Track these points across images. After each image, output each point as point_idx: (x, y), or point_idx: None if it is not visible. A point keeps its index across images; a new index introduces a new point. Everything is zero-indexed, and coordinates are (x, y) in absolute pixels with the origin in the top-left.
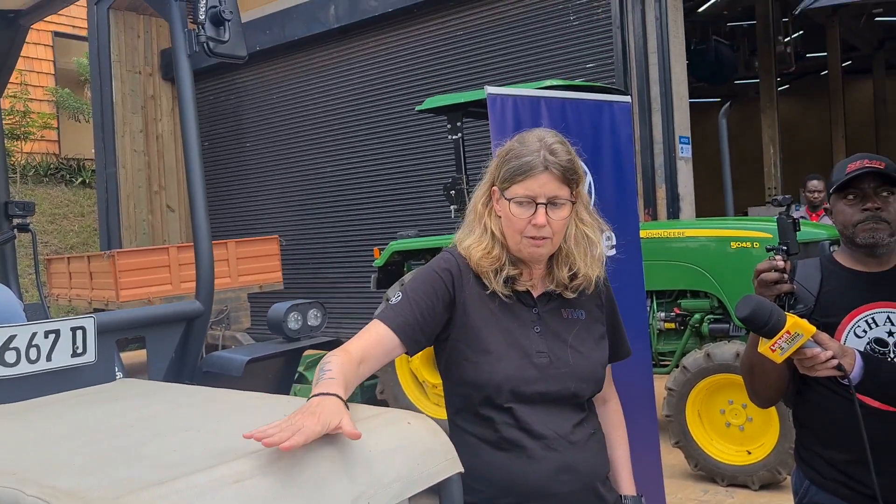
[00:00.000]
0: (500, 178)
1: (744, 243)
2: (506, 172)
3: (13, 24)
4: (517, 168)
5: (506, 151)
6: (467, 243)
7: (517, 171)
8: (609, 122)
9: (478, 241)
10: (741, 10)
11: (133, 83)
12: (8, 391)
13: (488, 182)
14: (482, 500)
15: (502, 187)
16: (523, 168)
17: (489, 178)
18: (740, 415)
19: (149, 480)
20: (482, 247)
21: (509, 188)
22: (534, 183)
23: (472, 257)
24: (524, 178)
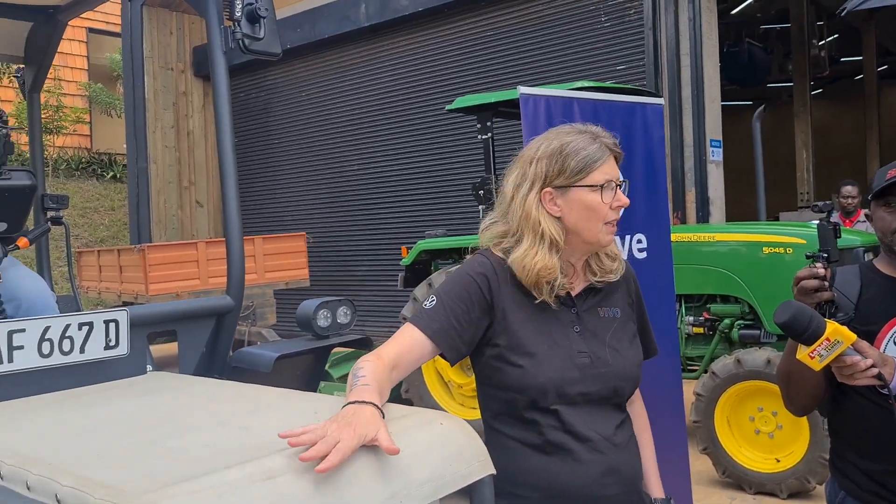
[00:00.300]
0: (567, 174)
1: (776, 248)
2: (577, 164)
3: (52, 20)
4: (589, 156)
5: (557, 149)
6: (519, 255)
7: (591, 160)
8: (641, 124)
9: (531, 253)
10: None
11: (165, 79)
12: (42, 382)
13: (537, 185)
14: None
15: (570, 182)
16: (595, 155)
17: (537, 182)
18: (770, 422)
19: (181, 475)
20: (538, 258)
21: (584, 178)
22: (607, 166)
23: (528, 271)
24: (601, 163)
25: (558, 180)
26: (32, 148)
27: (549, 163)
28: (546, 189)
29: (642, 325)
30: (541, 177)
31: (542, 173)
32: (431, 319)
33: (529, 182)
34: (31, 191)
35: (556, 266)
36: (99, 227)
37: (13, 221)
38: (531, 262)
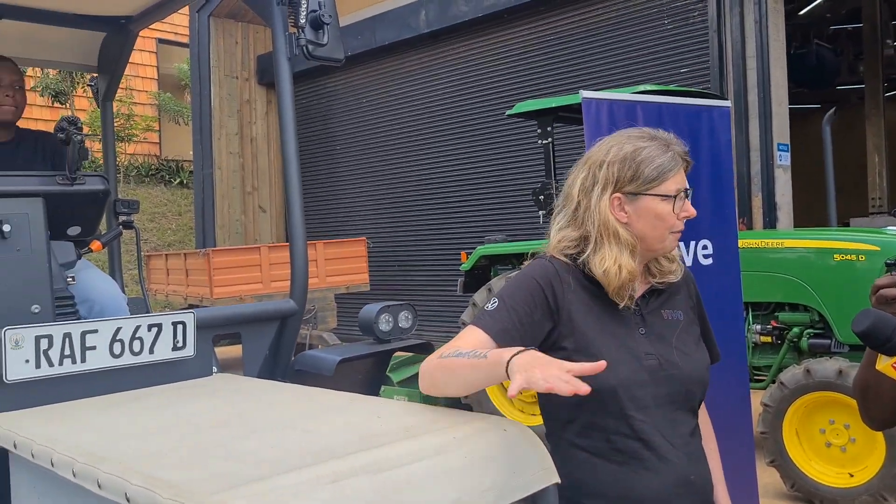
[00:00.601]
0: (640, 181)
1: (848, 256)
2: (651, 173)
3: (124, 30)
4: (663, 166)
5: (630, 155)
6: (607, 266)
7: (665, 169)
8: (707, 127)
9: (615, 258)
10: (845, 13)
11: (230, 87)
12: (112, 381)
13: (609, 190)
14: None
15: (641, 189)
16: (668, 164)
17: (609, 186)
18: (842, 435)
19: (248, 476)
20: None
21: (657, 187)
22: (679, 176)
23: (616, 276)
24: (673, 173)
25: (629, 186)
26: (106, 154)
27: (622, 168)
28: (615, 194)
29: (704, 329)
30: (612, 181)
31: (613, 178)
32: (494, 321)
33: (601, 186)
34: (105, 196)
35: (637, 269)
36: (167, 231)
37: (87, 225)
38: (615, 266)
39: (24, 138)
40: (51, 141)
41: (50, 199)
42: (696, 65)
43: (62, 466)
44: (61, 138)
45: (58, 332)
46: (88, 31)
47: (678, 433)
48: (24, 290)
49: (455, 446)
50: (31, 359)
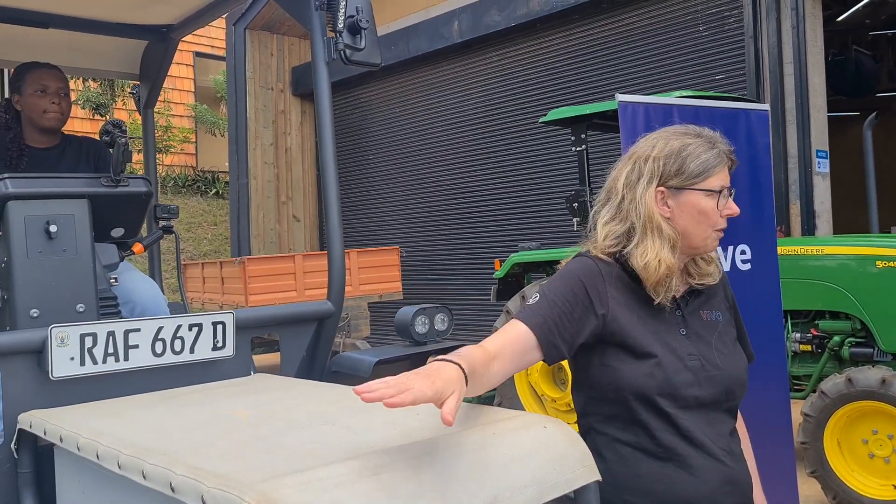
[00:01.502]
0: (685, 175)
1: (891, 262)
2: (696, 167)
3: (165, 38)
4: (709, 161)
5: (677, 150)
6: (648, 259)
7: (710, 164)
8: (745, 131)
9: (655, 251)
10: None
11: (265, 99)
12: (153, 380)
13: (653, 184)
14: None
15: (686, 184)
16: (714, 161)
17: (654, 179)
18: (886, 446)
19: (290, 468)
20: (664, 257)
21: (702, 182)
22: (723, 174)
23: (655, 271)
24: (718, 169)
25: (674, 181)
26: (146, 160)
27: (667, 162)
28: (660, 188)
29: (740, 330)
30: (657, 175)
31: (658, 171)
32: (534, 313)
33: (646, 179)
34: (148, 197)
35: (676, 265)
36: (203, 241)
37: (130, 227)
38: (656, 261)
39: (69, 144)
40: (94, 146)
41: (95, 201)
42: (733, 71)
43: (108, 458)
44: (106, 141)
45: (102, 330)
46: (131, 40)
47: (719, 433)
48: (69, 290)
49: (495, 442)
50: (76, 356)
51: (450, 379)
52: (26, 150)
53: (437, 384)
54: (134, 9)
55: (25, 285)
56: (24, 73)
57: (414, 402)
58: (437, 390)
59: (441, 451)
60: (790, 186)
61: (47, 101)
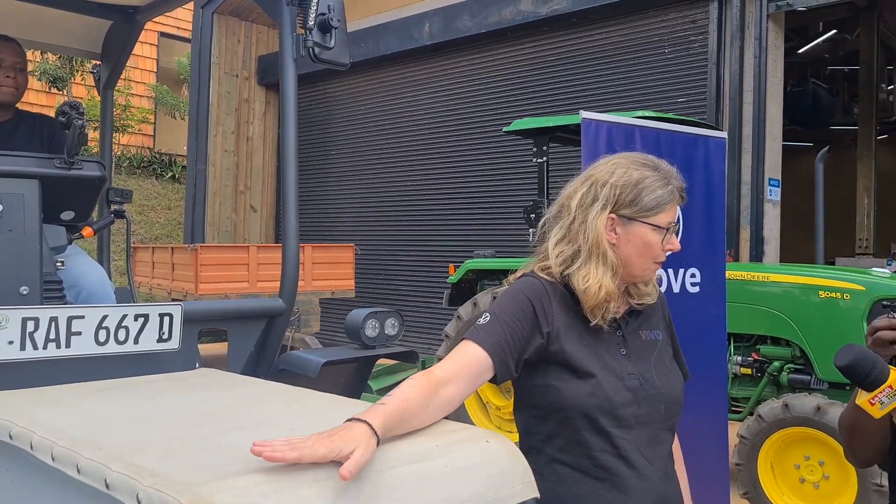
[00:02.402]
0: (638, 207)
1: (833, 294)
2: (650, 202)
3: (131, 20)
4: (662, 198)
5: (636, 181)
6: (589, 284)
7: (663, 201)
8: (703, 157)
9: (597, 276)
10: (843, 55)
11: (230, 85)
12: (95, 369)
13: (606, 210)
14: None
15: (637, 215)
16: (666, 198)
17: (608, 205)
18: (816, 471)
19: (230, 471)
20: (605, 282)
21: (653, 217)
22: (673, 210)
23: (594, 295)
24: (669, 206)
25: (627, 210)
26: (102, 142)
27: (624, 191)
28: (611, 214)
29: (675, 349)
30: (611, 202)
31: (613, 198)
32: (487, 334)
33: (600, 204)
34: (101, 182)
35: (616, 292)
36: (154, 224)
37: (81, 211)
38: (596, 286)
39: (23, 120)
40: (49, 124)
41: (46, 182)
42: (694, 95)
43: (41, 450)
44: (62, 122)
45: (45, 315)
46: (96, 19)
47: (657, 453)
48: (13, 271)
49: (438, 454)
50: (15, 340)
51: (352, 438)
52: None
53: (335, 443)
54: None
55: None
56: None
57: (300, 460)
58: (334, 447)
59: (384, 461)
60: (741, 212)
61: (1, 74)
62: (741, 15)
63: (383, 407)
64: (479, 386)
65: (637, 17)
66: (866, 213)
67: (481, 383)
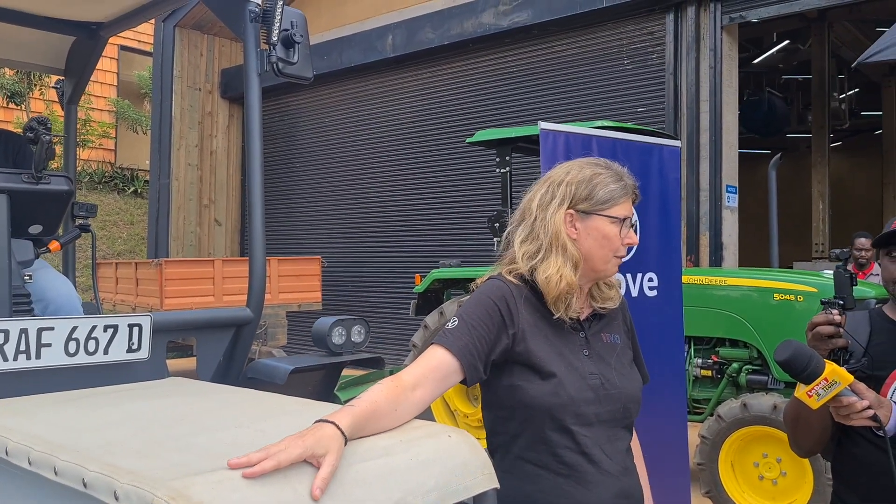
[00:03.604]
0: (593, 201)
1: (787, 296)
2: (604, 195)
3: (94, 36)
4: (615, 191)
5: (588, 178)
6: (549, 273)
7: (616, 194)
8: (658, 165)
9: (558, 268)
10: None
11: (192, 99)
12: (65, 380)
13: (563, 206)
14: None
15: (593, 209)
16: (620, 192)
17: (565, 202)
18: (774, 468)
19: (203, 467)
20: (565, 274)
21: (608, 209)
22: (627, 205)
23: (555, 285)
24: (623, 200)
25: (583, 205)
26: (66, 157)
27: (579, 187)
28: (569, 210)
29: (636, 353)
30: (568, 198)
31: (569, 195)
32: (456, 338)
33: (558, 201)
34: (69, 196)
35: (577, 284)
36: (117, 240)
37: (48, 225)
38: (557, 276)
39: None
40: (13, 140)
41: (14, 196)
42: (653, 105)
43: (17, 455)
44: (30, 137)
45: (14, 327)
46: (58, 35)
47: (616, 449)
48: None
49: (401, 449)
50: None
51: (322, 437)
52: None
53: (308, 443)
54: (64, 4)
55: None
56: None
57: (279, 465)
58: (307, 447)
59: (349, 456)
60: (701, 218)
61: None
62: (696, 27)
63: (352, 409)
64: (446, 389)
65: (596, 30)
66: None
67: (449, 387)
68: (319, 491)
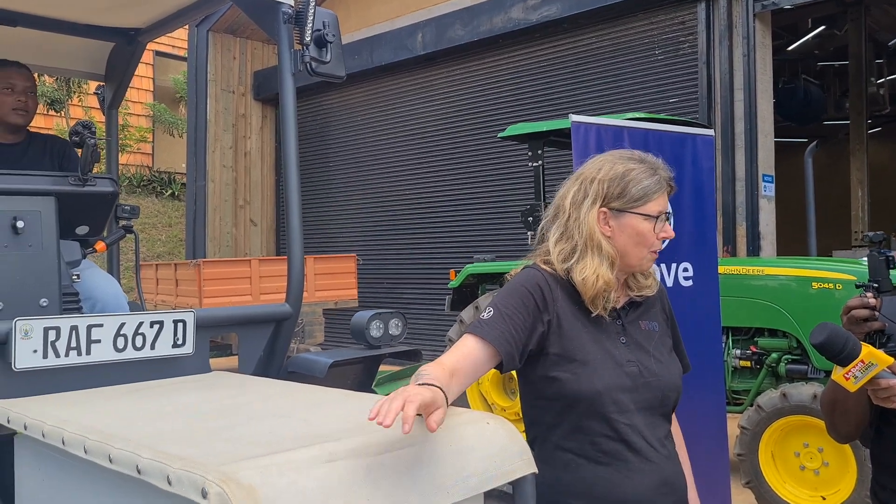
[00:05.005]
0: (626, 199)
1: (826, 284)
2: (637, 192)
3: (133, 42)
4: (649, 188)
5: (621, 174)
6: (587, 275)
7: (650, 190)
8: (691, 155)
9: (594, 268)
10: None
11: (226, 102)
12: (114, 375)
13: (596, 205)
14: None
15: (627, 207)
16: (654, 187)
17: (598, 200)
18: (816, 458)
19: (250, 453)
20: (602, 274)
21: (642, 206)
22: (662, 199)
23: (592, 285)
24: (657, 195)
25: (616, 203)
26: (109, 160)
27: (611, 185)
28: (602, 209)
29: (676, 341)
30: (601, 196)
31: (602, 193)
32: (491, 327)
33: (591, 200)
34: (114, 198)
35: (614, 282)
36: (156, 242)
37: (94, 226)
38: (593, 276)
39: (34, 141)
40: (59, 144)
41: (61, 199)
42: (685, 95)
43: (73, 444)
44: (76, 141)
45: (65, 324)
46: (98, 42)
47: (656, 436)
48: (33, 284)
49: (441, 436)
50: (38, 349)
51: (437, 393)
52: None
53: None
54: (102, 11)
55: None
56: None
57: (416, 410)
58: (429, 398)
59: (391, 443)
60: (737, 209)
61: (14, 98)
62: (728, 15)
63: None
64: (479, 377)
65: (626, 21)
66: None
67: (481, 375)
68: (436, 425)
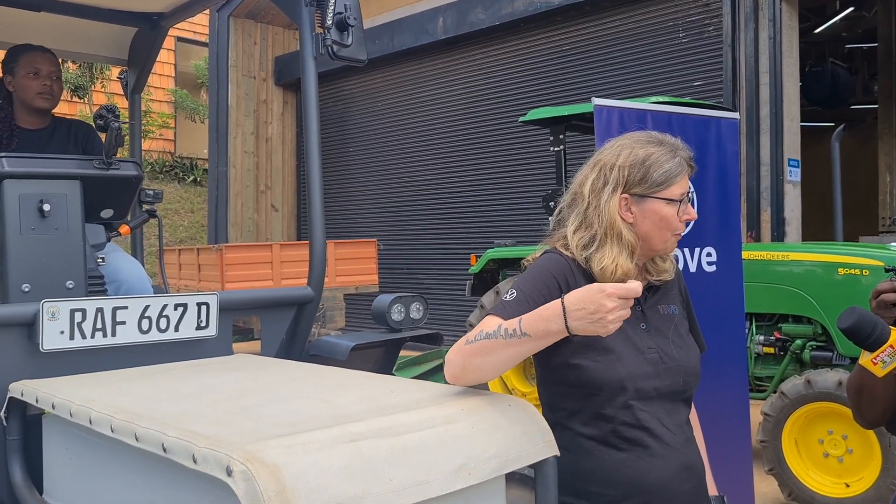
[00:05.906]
0: (648, 184)
1: (852, 270)
2: (659, 177)
3: (155, 26)
4: (671, 171)
5: (641, 159)
6: (605, 264)
7: (672, 174)
8: (715, 138)
9: (612, 256)
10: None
11: (248, 87)
12: (139, 356)
13: (617, 192)
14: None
15: (649, 192)
16: (675, 170)
17: (619, 187)
18: (840, 445)
19: (274, 433)
20: (620, 263)
21: (664, 191)
22: (684, 181)
23: (611, 275)
24: (679, 178)
25: (637, 188)
26: (132, 145)
27: (632, 171)
28: (623, 195)
29: (692, 322)
30: (622, 183)
31: (623, 180)
32: (514, 309)
33: (611, 187)
34: (138, 181)
35: (633, 270)
36: (179, 228)
37: (119, 209)
38: (612, 266)
39: (59, 125)
40: (84, 129)
41: (86, 182)
42: (710, 78)
43: (100, 423)
44: (100, 125)
45: (91, 306)
46: (121, 27)
47: (676, 422)
48: (60, 267)
49: (463, 417)
50: (65, 330)
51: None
52: (17, 130)
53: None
54: None
55: (18, 261)
56: (17, 56)
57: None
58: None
59: (413, 423)
60: (762, 193)
61: (39, 83)
62: None
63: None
64: None
65: (650, 3)
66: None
67: None
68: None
